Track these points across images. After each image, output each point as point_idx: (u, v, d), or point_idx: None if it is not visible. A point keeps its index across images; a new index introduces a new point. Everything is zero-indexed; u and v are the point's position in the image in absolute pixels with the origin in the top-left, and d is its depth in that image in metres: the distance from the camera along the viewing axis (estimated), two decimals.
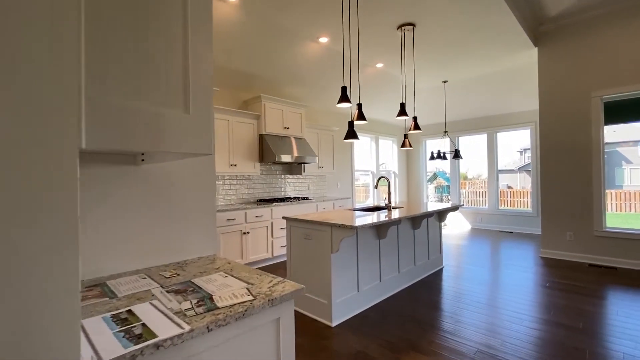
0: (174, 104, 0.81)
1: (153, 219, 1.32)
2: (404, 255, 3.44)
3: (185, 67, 0.84)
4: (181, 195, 1.41)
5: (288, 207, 4.52)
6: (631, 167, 13.06)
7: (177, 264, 1.34)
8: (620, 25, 3.97)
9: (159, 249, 1.33)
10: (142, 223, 1.28)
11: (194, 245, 1.46)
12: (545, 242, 4.58)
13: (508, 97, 6.19)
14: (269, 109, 4.54)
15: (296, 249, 2.87)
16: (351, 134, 2.95)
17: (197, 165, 1.48)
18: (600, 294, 3.14)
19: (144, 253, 1.28)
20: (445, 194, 12.07)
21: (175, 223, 1.39)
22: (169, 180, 1.37)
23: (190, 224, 1.44)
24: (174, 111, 0.80)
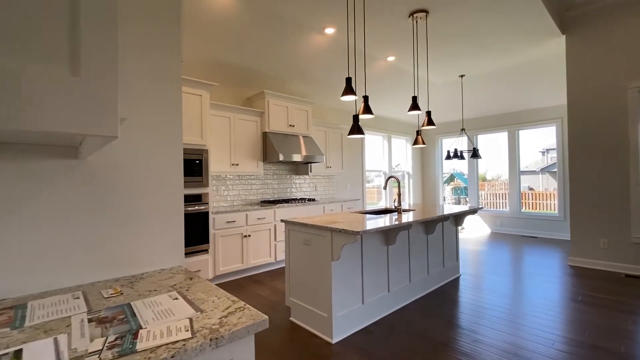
0: (53, 58, 0.56)
1: (101, 224, 1.10)
2: (416, 263, 3.14)
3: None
4: (139, 196, 1.19)
5: (292, 208, 4.29)
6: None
7: (129, 279, 1.12)
8: None
9: (109, 260, 1.11)
10: (85, 229, 1.06)
11: (156, 255, 1.24)
12: (575, 249, 4.15)
13: (531, 91, 5.75)
14: (273, 106, 4.33)
15: (295, 255, 2.62)
16: (356, 129, 2.69)
17: (161, 158, 1.26)
18: (627, 309, 2.74)
19: (86, 265, 1.07)
20: (462, 195, 11.58)
21: (131, 229, 1.17)
22: (123, 177, 1.16)
23: (151, 230, 1.22)
24: (52, 69, 0.56)
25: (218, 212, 3.55)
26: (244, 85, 4.44)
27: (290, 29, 3.65)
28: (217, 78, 4.11)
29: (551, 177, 16.25)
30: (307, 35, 3.85)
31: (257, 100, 4.40)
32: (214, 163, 3.81)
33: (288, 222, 2.66)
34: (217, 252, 3.55)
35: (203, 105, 3.45)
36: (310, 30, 3.77)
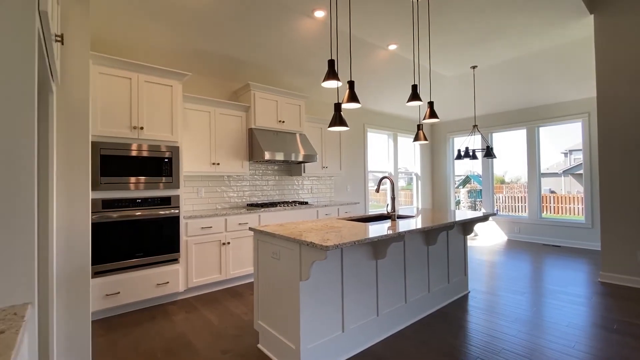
0: None
1: None
2: (414, 279, 2.65)
3: None
4: None
5: (280, 213, 3.87)
6: None
7: None
8: None
9: None
10: None
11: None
12: (606, 263, 3.56)
13: (553, 83, 5.14)
14: (260, 100, 3.93)
15: (264, 270, 2.20)
16: (338, 120, 2.24)
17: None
18: None
19: None
20: (478, 199, 10.90)
21: None
22: None
23: None
24: None
25: (191, 216, 3.17)
26: (229, 77, 4.06)
27: (276, 12, 3.24)
28: (198, 69, 3.75)
29: (575, 179, 15.26)
30: (296, 20, 3.44)
31: (243, 93, 4.02)
32: (190, 162, 3.44)
33: (256, 231, 2.24)
34: (190, 261, 3.16)
35: (174, 97, 3.08)
36: (298, 13, 3.35)
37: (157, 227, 2.95)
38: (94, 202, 2.64)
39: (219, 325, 2.60)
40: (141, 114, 2.89)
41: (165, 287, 2.99)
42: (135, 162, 2.84)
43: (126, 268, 2.79)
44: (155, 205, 2.94)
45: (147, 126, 2.92)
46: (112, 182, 2.72)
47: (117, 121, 2.78)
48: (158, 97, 3.00)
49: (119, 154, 2.76)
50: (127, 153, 2.80)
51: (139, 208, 2.86)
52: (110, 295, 2.70)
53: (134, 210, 2.84)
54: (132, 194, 2.83)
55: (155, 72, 2.97)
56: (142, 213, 2.87)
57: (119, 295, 2.74)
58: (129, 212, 2.80)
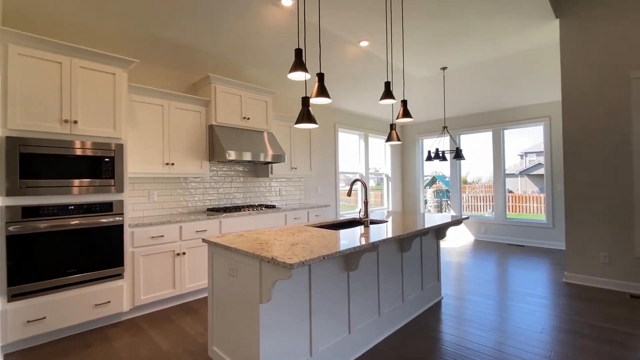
0: None
1: None
2: (388, 290, 2.47)
3: None
4: None
5: (244, 218, 3.55)
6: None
7: None
8: None
9: None
10: None
11: None
12: (571, 263, 3.61)
13: (518, 87, 5.25)
14: (222, 94, 3.58)
15: (219, 289, 1.89)
16: (306, 116, 1.99)
17: None
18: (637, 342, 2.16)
19: None
20: (444, 198, 11.15)
21: None
22: None
23: None
24: None
25: (139, 224, 2.77)
26: (187, 68, 3.67)
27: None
28: (149, 57, 3.33)
29: (530, 180, 16.24)
30: (262, 8, 3.14)
31: (202, 86, 3.64)
32: (139, 162, 3.03)
33: (210, 243, 1.93)
34: (137, 276, 2.76)
35: (117, 87, 2.67)
36: (264, 0, 3.06)
37: (95, 238, 2.52)
38: (11, 210, 2.18)
39: (169, 350, 2.25)
40: (75, 106, 2.45)
41: (106, 308, 2.57)
42: (68, 162, 2.40)
43: (55, 288, 2.35)
44: (93, 212, 2.52)
45: (83, 120, 2.49)
46: (37, 186, 2.27)
47: (44, 113, 2.33)
48: (97, 86, 2.57)
49: (46, 152, 2.32)
50: (57, 151, 2.36)
51: (72, 216, 2.43)
52: (33, 322, 2.25)
53: (66, 219, 2.40)
54: (63, 199, 2.39)
55: (93, 56, 2.54)
56: (77, 222, 2.44)
57: (44, 320, 2.29)
58: (59, 221, 2.36)
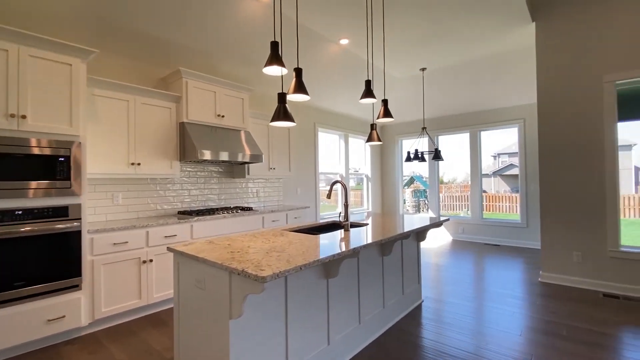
0: None
1: None
2: (369, 295, 2.37)
3: None
4: None
5: (218, 222, 3.35)
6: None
7: None
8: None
9: None
10: None
11: None
12: (546, 263, 3.68)
13: (495, 90, 5.34)
14: (194, 89, 3.37)
15: (186, 302, 1.72)
16: (282, 113, 1.86)
17: None
18: (619, 346, 2.20)
19: None
20: (422, 198, 11.32)
21: None
22: None
23: None
24: None
25: (100, 230, 2.53)
26: (156, 61, 3.43)
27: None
28: (113, 48, 3.08)
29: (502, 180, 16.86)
30: (238, 1, 2.97)
31: (173, 81, 3.42)
32: (101, 161, 2.78)
33: (176, 252, 1.75)
34: (97, 287, 2.52)
35: (74, 80, 2.42)
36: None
37: (48, 247, 2.27)
38: None
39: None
40: (23, 99, 2.19)
41: (60, 323, 2.32)
42: (15, 162, 2.14)
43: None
44: (45, 217, 2.26)
45: (33, 114, 2.23)
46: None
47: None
48: (51, 78, 2.32)
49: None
50: (1, 149, 2.10)
51: (21, 222, 2.17)
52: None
53: (14, 226, 2.14)
54: (9, 203, 2.13)
55: (45, 44, 2.28)
56: (28, 229, 2.18)
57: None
58: (4, 228, 2.10)
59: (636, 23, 3.16)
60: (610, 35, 3.28)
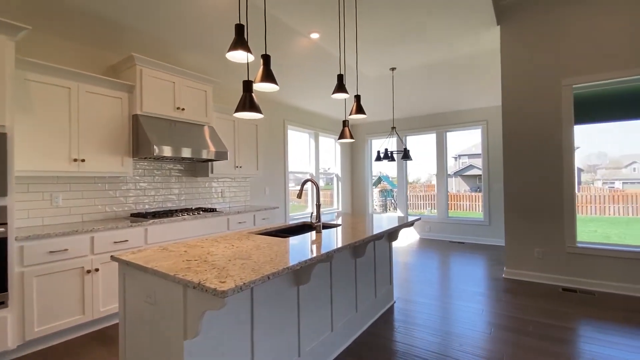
0: None
1: None
2: (341, 300, 2.25)
3: None
4: None
5: (177, 225, 3.06)
6: None
7: None
8: None
9: None
10: None
11: None
12: (510, 260, 3.79)
13: (461, 91, 5.47)
14: (150, 79, 3.05)
15: (133, 320, 1.48)
16: (248, 103, 1.67)
17: None
18: (580, 340, 2.27)
19: None
20: (389, 197, 11.52)
21: None
22: None
23: None
24: None
25: (31, 236, 2.17)
26: (106, 46, 3.06)
27: None
28: (52, 27, 2.69)
29: (462, 180, 17.73)
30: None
31: (125, 69, 3.07)
32: (36, 157, 2.40)
33: (121, 262, 1.50)
34: (27, 303, 2.16)
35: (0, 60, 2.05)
36: None
37: None
38: None
39: None
40: None
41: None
42: None
43: None
44: None
45: None
46: None
47: None
48: None
49: None
50: None
51: None
52: None
53: None
54: None
55: None
56: None
57: None
58: None
59: (592, 30, 3.33)
60: (569, 41, 3.44)
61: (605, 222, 9.56)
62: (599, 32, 3.29)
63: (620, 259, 3.23)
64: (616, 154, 13.88)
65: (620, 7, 3.20)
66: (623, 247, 3.30)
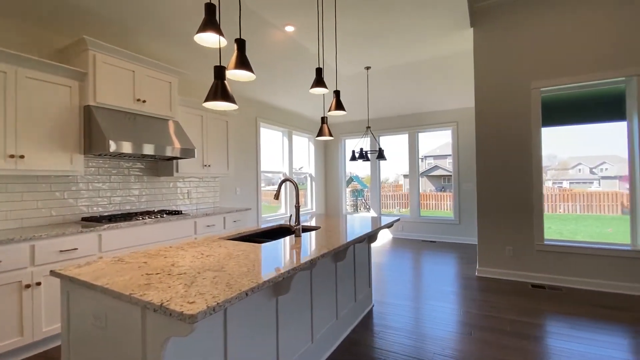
0: None
1: None
2: (322, 308, 2.10)
3: None
4: None
5: (137, 230, 2.75)
6: None
7: None
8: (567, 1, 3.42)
9: None
10: None
11: None
12: (482, 258, 3.85)
13: (434, 92, 5.55)
14: (105, 66, 2.72)
15: (78, 346, 1.23)
16: (220, 91, 1.47)
17: None
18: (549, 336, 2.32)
19: None
20: (360, 197, 11.59)
21: None
22: None
23: None
24: None
25: None
26: (52, 26, 2.68)
27: None
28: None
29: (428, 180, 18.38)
30: None
31: (76, 54, 2.71)
32: None
33: (64, 278, 1.25)
34: None
35: None
36: None
37: None
38: None
39: None
40: None
41: None
42: None
43: None
44: None
45: None
46: None
47: None
48: None
49: None
50: None
51: None
52: None
53: None
54: None
55: None
56: None
57: None
58: None
59: (559, 35, 3.46)
60: (538, 45, 3.55)
61: (557, 219, 10.26)
62: (566, 38, 3.43)
63: (584, 255, 3.38)
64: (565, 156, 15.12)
65: (585, 14, 3.34)
66: (587, 244, 3.46)
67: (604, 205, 10.77)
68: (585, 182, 14.01)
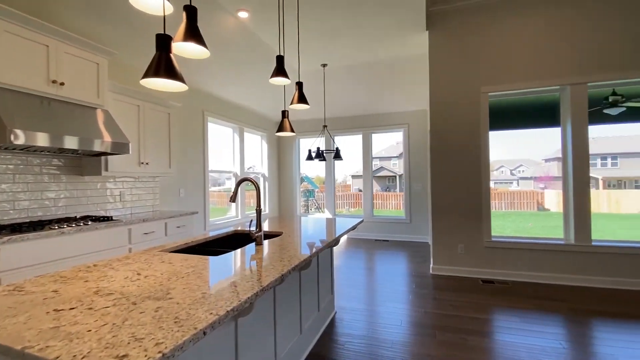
0: None
1: None
2: (286, 325, 1.86)
3: None
4: None
5: (51, 242, 2.22)
6: None
7: None
8: (514, 13, 3.63)
9: None
10: None
11: None
12: (436, 256, 3.94)
13: (388, 94, 5.61)
14: (8, 36, 2.14)
15: None
16: (164, 66, 1.15)
17: None
18: (496, 330, 2.41)
19: None
20: (311, 198, 11.49)
21: None
22: None
23: None
24: None
25: None
26: None
27: None
28: None
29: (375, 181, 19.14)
30: None
31: None
32: None
33: None
34: None
35: None
36: None
37: None
38: None
39: None
40: None
41: None
42: None
43: None
44: None
45: None
46: None
47: None
48: None
49: None
50: None
51: None
52: None
53: None
54: None
55: None
56: None
57: None
58: None
59: (507, 42, 3.66)
60: (488, 51, 3.73)
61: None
62: (512, 46, 3.64)
63: (525, 250, 3.62)
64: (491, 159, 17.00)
65: (530, 25, 3.58)
66: (529, 239, 3.71)
67: (523, 202, 12.17)
68: (506, 182, 15.66)
